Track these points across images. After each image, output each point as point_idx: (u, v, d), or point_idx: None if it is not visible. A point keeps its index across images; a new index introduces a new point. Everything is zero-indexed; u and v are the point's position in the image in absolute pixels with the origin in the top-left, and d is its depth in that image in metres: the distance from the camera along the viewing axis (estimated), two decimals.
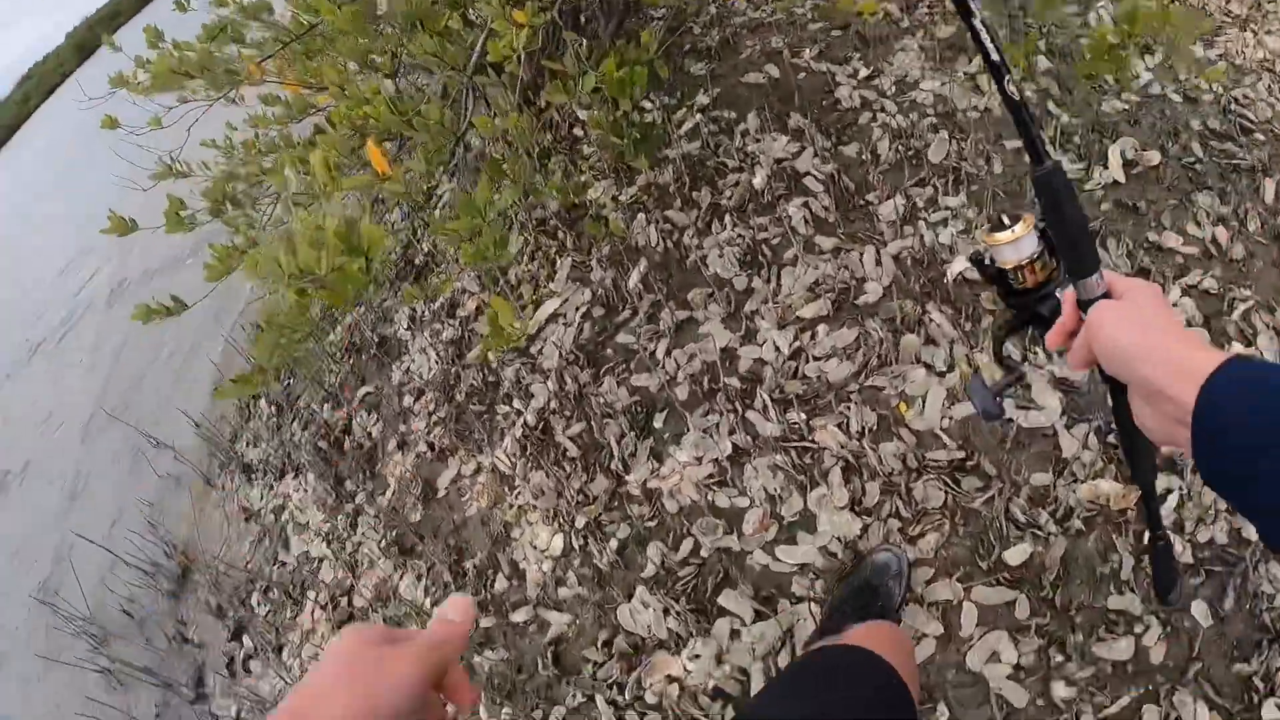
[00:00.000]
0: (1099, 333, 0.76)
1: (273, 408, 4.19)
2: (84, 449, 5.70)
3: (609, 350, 2.98)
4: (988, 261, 0.95)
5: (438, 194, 3.65)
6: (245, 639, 3.54)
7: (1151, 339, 0.71)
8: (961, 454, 2.29)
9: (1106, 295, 0.81)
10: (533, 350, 3.15)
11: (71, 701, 3.90)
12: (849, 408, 2.46)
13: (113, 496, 4.94)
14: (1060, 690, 1.88)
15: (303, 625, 3.34)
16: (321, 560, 3.43)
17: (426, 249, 3.85)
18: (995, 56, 0.84)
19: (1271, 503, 0.58)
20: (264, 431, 4.12)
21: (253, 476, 4.04)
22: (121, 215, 2.72)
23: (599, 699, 2.36)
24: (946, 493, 2.24)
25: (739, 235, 3.02)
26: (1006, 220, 0.91)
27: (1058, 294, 0.89)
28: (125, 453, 5.05)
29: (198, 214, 2.80)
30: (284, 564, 3.61)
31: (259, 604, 3.57)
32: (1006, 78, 0.85)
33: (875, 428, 2.42)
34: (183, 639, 3.81)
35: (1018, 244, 0.90)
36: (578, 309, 3.12)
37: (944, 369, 2.44)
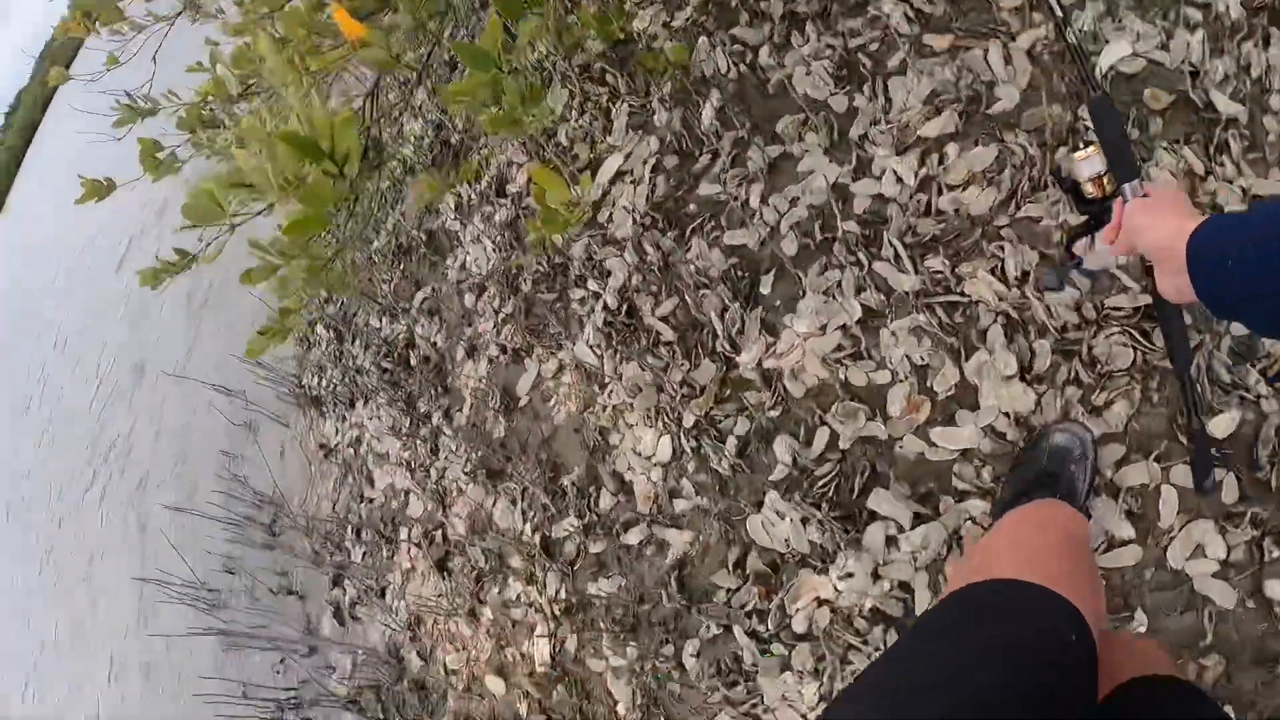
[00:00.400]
0: (1128, 220, 0.99)
1: (331, 333, 3.83)
2: (153, 409, 5.54)
3: (691, 206, 2.49)
4: (1065, 175, 1.17)
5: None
6: (346, 585, 3.30)
7: (1159, 216, 0.92)
8: (1148, 298, 1.77)
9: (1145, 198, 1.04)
10: (601, 219, 2.67)
11: (189, 674, 3.79)
12: (1002, 247, 1.95)
13: (190, 454, 4.76)
14: (1275, 589, 1.57)
15: (401, 565, 3.07)
16: (408, 493, 3.10)
17: (460, 125, 3.34)
18: (1059, 14, 1.25)
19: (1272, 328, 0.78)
20: (326, 361, 3.78)
21: (324, 410, 3.73)
22: (95, 177, 2.29)
23: (737, 630, 2.03)
24: (1134, 349, 1.76)
25: (827, 46, 2.44)
26: (1081, 145, 1.24)
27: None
28: (200, 407, 4.82)
29: (177, 150, 2.35)
30: (371, 500, 3.32)
31: (353, 546, 3.32)
32: (1068, 28, 1.22)
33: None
34: (286, 591, 3.61)
35: (1089, 162, 1.12)
36: (645, 162, 2.61)
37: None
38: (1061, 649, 0.91)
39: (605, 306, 2.55)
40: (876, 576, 1.86)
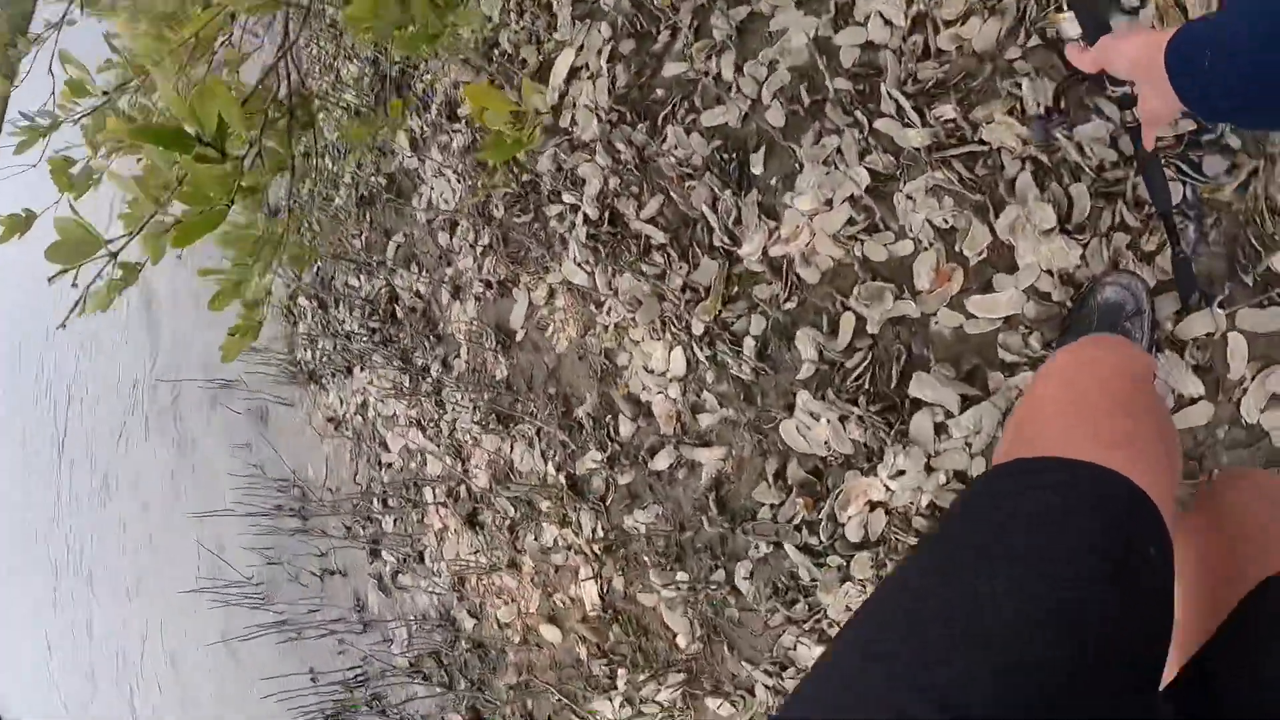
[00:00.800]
0: (1103, 48, 0.97)
1: (313, 302, 3.63)
2: (163, 419, 5.41)
3: (659, 91, 2.24)
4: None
5: None
6: (384, 555, 3.20)
7: (1134, 36, 0.91)
8: (1192, 124, 1.52)
9: None
10: (564, 124, 2.43)
11: (254, 672, 3.74)
12: (1018, 83, 1.68)
13: (208, 455, 4.64)
14: None
15: (433, 526, 2.95)
16: (424, 452, 2.96)
17: (395, 56, 3.06)
18: None
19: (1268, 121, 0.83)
20: (315, 332, 3.60)
21: (324, 383, 3.56)
22: (15, 212, 2.05)
23: (788, 546, 1.87)
24: (1183, 183, 1.52)
25: None
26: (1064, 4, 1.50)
27: None
28: (202, 404, 4.67)
29: (91, 163, 2.10)
30: (389, 465, 3.20)
31: (382, 515, 3.21)
32: None
33: (1062, 105, 1.64)
34: (328, 572, 3.52)
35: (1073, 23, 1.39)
36: (599, 53, 2.35)
37: (1135, 2, 1.59)
38: (1114, 552, 0.72)
39: (586, 218, 2.33)
40: (930, 469, 1.70)
